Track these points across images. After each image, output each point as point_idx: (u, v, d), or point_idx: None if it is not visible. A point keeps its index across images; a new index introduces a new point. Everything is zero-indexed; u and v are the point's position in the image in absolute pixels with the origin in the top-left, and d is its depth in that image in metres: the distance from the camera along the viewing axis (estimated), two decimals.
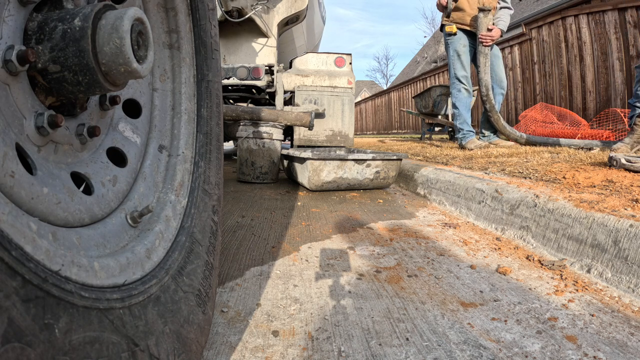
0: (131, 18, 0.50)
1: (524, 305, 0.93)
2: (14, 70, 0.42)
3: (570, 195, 1.42)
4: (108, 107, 0.61)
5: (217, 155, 0.88)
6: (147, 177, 0.70)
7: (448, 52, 3.69)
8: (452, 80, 3.71)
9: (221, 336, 0.78)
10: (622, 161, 1.75)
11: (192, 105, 0.81)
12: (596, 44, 5.18)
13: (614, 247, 1.07)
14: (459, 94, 3.67)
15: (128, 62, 0.50)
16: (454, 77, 3.68)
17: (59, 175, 0.49)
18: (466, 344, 0.76)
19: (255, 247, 1.37)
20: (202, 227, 0.74)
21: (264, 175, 2.94)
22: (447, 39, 3.65)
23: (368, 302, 0.94)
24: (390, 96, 14.03)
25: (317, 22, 5.19)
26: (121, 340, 0.43)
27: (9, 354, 0.30)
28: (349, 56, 3.75)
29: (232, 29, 3.60)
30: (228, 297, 0.95)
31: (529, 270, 1.17)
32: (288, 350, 0.74)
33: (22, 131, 0.44)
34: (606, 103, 5.07)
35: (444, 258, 1.28)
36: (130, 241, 0.58)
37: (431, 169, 2.56)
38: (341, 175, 2.50)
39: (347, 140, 3.70)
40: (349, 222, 1.75)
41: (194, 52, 0.82)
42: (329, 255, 1.29)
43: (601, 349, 0.74)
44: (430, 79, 10.67)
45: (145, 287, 0.52)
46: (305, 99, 3.61)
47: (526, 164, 2.27)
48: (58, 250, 0.40)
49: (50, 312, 0.35)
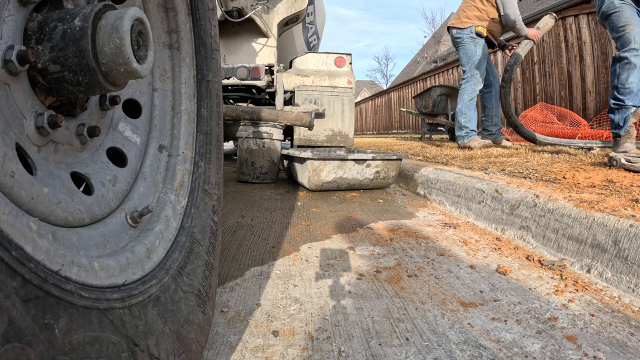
0: (131, 18, 0.50)
1: (524, 305, 0.93)
2: (14, 70, 0.42)
3: (570, 195, 1.42)
4: (108, 107, 0.61)
5: (217, 155, 0.88)
6: (147, 177, 0.70)
7: (469, 50, 3.66)
8: (472, 73, 3.65)
9: (221, 336, 0.78)
10: (622, 161, 1.75)
11: (192, 105, 0.81)
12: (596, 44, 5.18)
13: (614, 247, 1.07)
14: (475, 87, 3.65)
15: (128, 62, 0.50)
16: (474, 72, 3.64)
17: (59, 175, 0.49)
18: (466, 344, 0.76)
19: (255, 247, 1.37)
20: (202, 227, 0.74)
21: (264, 175, 2.94)
22: (475, 39, 3.65)
23: (368, 302, 0.94)
24: (390, 96, 14.03)
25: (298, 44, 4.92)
26: (121, 340, 0.43)
27: (9, 354, 0.30)
28: (349, 56, 3.75)
29: (232, 29, 3.60)
30: (228, 297, 0.95)
31: (529, 270, 1.17)
32: (288, 350, 0.74)
33: (22, 131, 0.44)
34: (606, 103, 5.06)
35: (444, 258, 1.28)
36: (130, 241, 0.58)
37: (431, 169, 2.56)
38: (341, 175, 2.50)
39: (347, 140, 3.70)
40: (349, 222, 1.75)
41: (194, 52, 0.82)
42: (329, 255, 1.29)
43: (601, 349, 0.74)
44: (430, 79, 10.66)
45: (145, 287, 0.52)
46: (305, 99, 3.61)
47: (526, 164, 2.27)
48: (58, 250, 0.40)
49: (50, 312, 0.35)
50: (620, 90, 2.41)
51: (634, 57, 2.34)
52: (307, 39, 5.02)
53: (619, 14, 2.37)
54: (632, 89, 2.37)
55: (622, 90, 2.40)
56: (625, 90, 2.38)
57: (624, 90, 2.39)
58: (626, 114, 2.41)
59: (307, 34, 4.99)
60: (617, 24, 2.40)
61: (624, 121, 2.41)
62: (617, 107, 2.44)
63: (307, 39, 5.01)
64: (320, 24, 5.41)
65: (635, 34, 2.33)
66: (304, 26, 4.85)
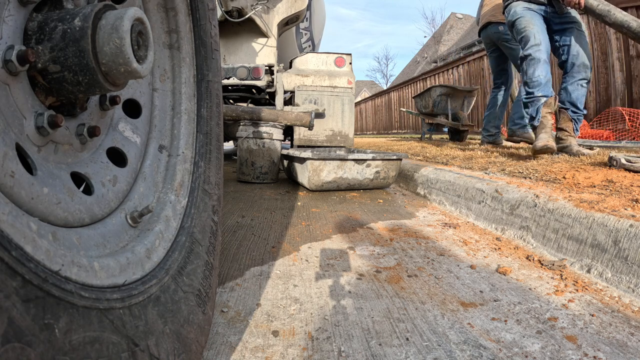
0: (131, 18, 0.50)
1: (524, 305, 0.93)
2: (14, 70, 0.42)
3: (570, 195, 1.42)
4: (108, 107, 0.61)
5: (217, 155, 0.88)
6: (147, 177, 0.70)
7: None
8: None
9: (221, 336, 0.78)
10: (622, 161, 1.75)
11: (192, 105, 0.81)
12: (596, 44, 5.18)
13: (614, 247, 1.07)
14: None
15: (128, 62, 0.50)
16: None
17: (59, 175, 0.49)
18: (466, 344, 0.76)
19: (255, 247, 1.37)
20: (202, 227, 0.74)
21: (264, 175, 2.94)
22: None
23: (368, 302, 0.94)
24: (390, 96, 14.03)
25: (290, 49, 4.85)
26: (121, 340, 0.43)
27: (9, 354, 0.30)
28: (349, 56, 3.75)
29: (232, 29, 3.59)
30: (228, 297, 0.95)
31: (529, 270, 1.17)
32: (288, 350, 0.74)
33: (22, 131, 0.44)
34: (606, 103, 5.07)
35: (444, 258, 1.28)
36: (130, 241, 0.58)
37: (431, 169, 2.56)
38: (341, 175, 2.50)
39: (347, 140, 3.70)
40: (349, 222, 1.75)
41: (194, 52, 0.82)
42: (329, 255, 1.29)
43: (601, 349, 0.74)
44: (430, 79, 10.67)
45: (145, 287, 0.52)
46: (305, 99, 3.61)
47: (526, 163, 2.27)
48: (58, 250, 0.40)
49: (50, 312, 0.35)
50: (529, 84, 2.57)
51: (535, 52, 2.53)
52: (300, 45, 5.01)
53: (521, 20, 2.66)
54: (540, 80, 2.52)
55: (531, 83, 2.55)
56: (534, 83, 2.54)
57: (532, 84, 2.55)
58: (537, 105, 2.55)
59: (301, 39, 4.99)
60: (519, 27, 2.67)
61: (536, 112, 2.57)
62: (529, 100, 2.59)
63: (300, 44, 5.01)
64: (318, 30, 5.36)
65: (535, 32, 2.56)
66: (297, 31, 4.84)
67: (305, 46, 5.08)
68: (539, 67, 2.53)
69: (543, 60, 2.53)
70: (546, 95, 2.53)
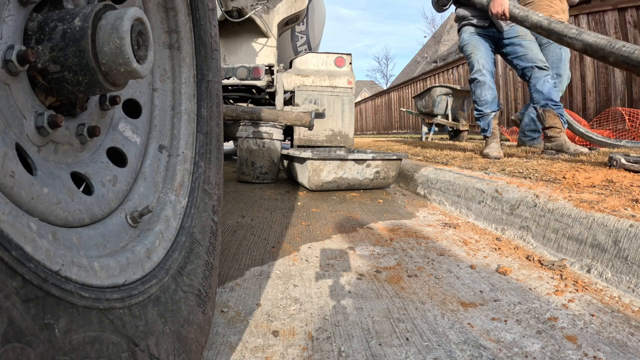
0: (131, 18, 0.50)
1: (524, 305, 0.93)
2: (14, 70, 0.42)
3: (570, 195, 1.42)
4: (108, 107, 0.61)
5: (217, 155, 0.88)
6: (147, 177, 0.70)
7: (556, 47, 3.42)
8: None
9: (221, 336, 0.78)
10: (622, 161, 1.75)
11: (192, 105, 0.81)
12: None
13: (614, 247, 1.07)
14: None
15: (128, 62, 0.50)
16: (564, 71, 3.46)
17: (59, 175, 0.49)
18: (466, 344, 0.76)
19: (255, 247, 1.37)
20: (202, 227, 0.74)
21: (264, 175, 2.94)
22: None
23: (368, 302, 0.94)
24: (390, 96, 14.03)
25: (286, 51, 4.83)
26: (121, 340, 0.43)
27: (9, 354, 0.30)
28: (349, 56, 3.75)
29: (232, 29, 3.59)
30: (228, 297, 0.95)
31: (529, 270, 1.17)
32: (288, 350, 0.74)
33: (22, 131, 0.44)
34: (606, 103, 5.07)
35: (444, 258, 1.28)
36: (130, 241, 0.58)
37: (431, 169, 2.56)
38: (341, 175, 2.50)
39: (347, 140, 3.70)
40: (349, 222, 1.75)
41: (194, 52, 0.82)
42: (329, 255, 1.29)
43: (601, 349, 0.74)
44: (430, 79, 10.67)
45: (145, 287, 0.52)
46: (305, 99, 3.61)
47: (526, 163, 2.27)
48: (58, 250, 0.40)
49: (50, 312, 0.35)
50: (478, 103, 3.00)
51: (480, 76, 2.95)
52: (295, 47, 5.02)
53: (467, 45, 3.02)
54: (487, 99, 2.96)
55: (480, 102, 2.99)
56: (482, 102, 2.98)
57: (480, 102, 2.99)
58: (487, 119, 2.98)
59: (296, 42, 5.01)
60: (466, 53, 3.05)
61: (488, 125, 2.99)
62: (480, 116, 3.02)
63: (295, 47, 5.02)
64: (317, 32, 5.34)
65: (478, 58, 2.96)
66: (293, 34, 4.84)
67: (301, 49, 5.08)
68: (485, 88, 2.95)
69: (488, 82, 2.95)
70: (494, 110, 2.97)
